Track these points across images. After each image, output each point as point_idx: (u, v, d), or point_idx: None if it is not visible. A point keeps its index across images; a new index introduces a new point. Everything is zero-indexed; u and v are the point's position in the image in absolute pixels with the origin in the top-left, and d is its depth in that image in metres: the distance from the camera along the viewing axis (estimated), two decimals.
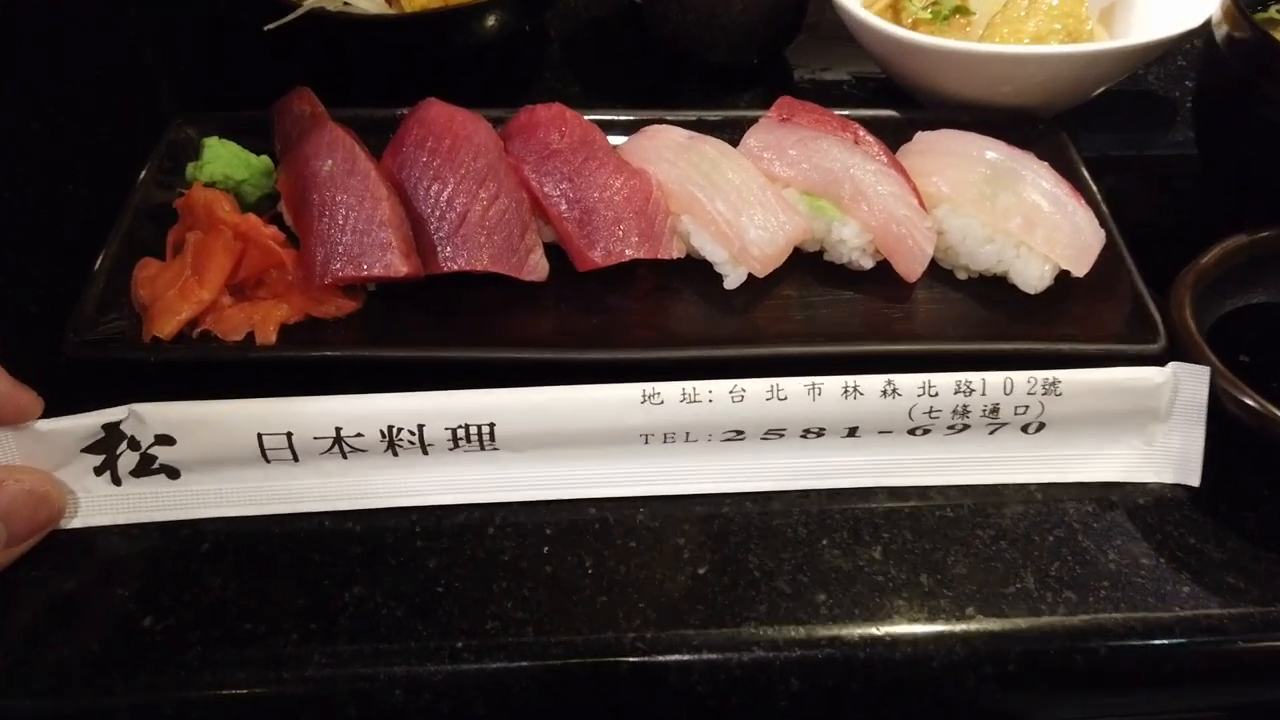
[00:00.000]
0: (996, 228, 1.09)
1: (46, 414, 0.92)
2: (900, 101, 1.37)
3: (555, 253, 1.12)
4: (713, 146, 1.13)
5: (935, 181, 1.12)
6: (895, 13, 1.40)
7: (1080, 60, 1.21)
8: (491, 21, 1.31)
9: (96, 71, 1.49)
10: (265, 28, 1.25)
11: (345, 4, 1.27)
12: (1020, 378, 0.97)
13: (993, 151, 1.13)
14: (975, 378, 0.97)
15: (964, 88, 1.27)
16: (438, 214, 1.08)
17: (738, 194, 1.09)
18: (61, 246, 1.19)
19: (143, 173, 1.15)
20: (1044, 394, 0.98)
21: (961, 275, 1.13)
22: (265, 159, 1.17)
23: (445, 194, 1.08)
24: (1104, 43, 1.23)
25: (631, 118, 1.26)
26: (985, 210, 1.09)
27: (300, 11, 1.24)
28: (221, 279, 1.03)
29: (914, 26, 1.38)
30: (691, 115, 1.27)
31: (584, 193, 1.10)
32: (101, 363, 1.00)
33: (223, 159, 1.14)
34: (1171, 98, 1.47)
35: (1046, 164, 1.12)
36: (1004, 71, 1.23)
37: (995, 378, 0.97)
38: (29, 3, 1.59)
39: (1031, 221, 1.07)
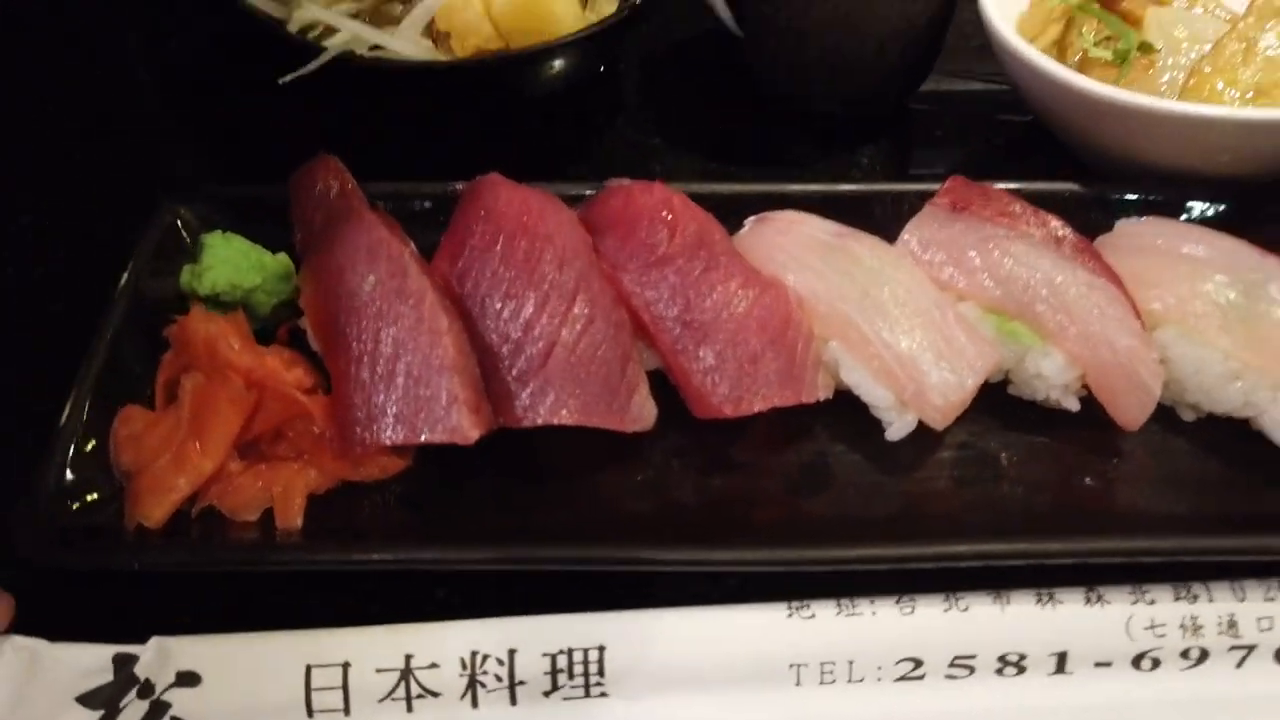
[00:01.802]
0: (1247, 362, 0.83)
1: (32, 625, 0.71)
2: (1063, 160, 1.10)
3: (659, 381, 0.87)
4: (868, 248, 0.87)
5: (1157, 296, 0.86)
6: (1061, 48, 1.12)
7: None
8: (564, 65, 1.04)
9: (72, 135, 1.19)
10: (280, 80, 0.98)
11: (376, 48, 1.00)
12: (1255, 583, 0.78)
13: (1234, 256, 0.86)
14: (1198, 584, 0.78)
15: (1164, 154, 1.00)
16: (512, 345, 0.82)
17: (909, 319, 0.82)
18: (22, 382, 0.92)
19: (123, 278, 0.89)
20: None
21: (1188, 416, 0.87)
22: (283, 258, 0.91)
23: (523, 318, 0.82)
24: None
25: (736, 190, 1.00)
26: (1231, 340, 0.83)
27: (324, 58, 0.97)
28: (228, 442, 0.77)
29: (1083, 66, 1.10)
30: (817, 189, 1.00)
31: (704, 315, 0.83)
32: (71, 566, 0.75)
33: (228, 263, 0.88)
34: None
35: None
36: (1227, 140, 0.96)
37: (1223, 583, 0.78)
38: None
39: None
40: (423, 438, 0.76)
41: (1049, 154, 1.12)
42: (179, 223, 0.94)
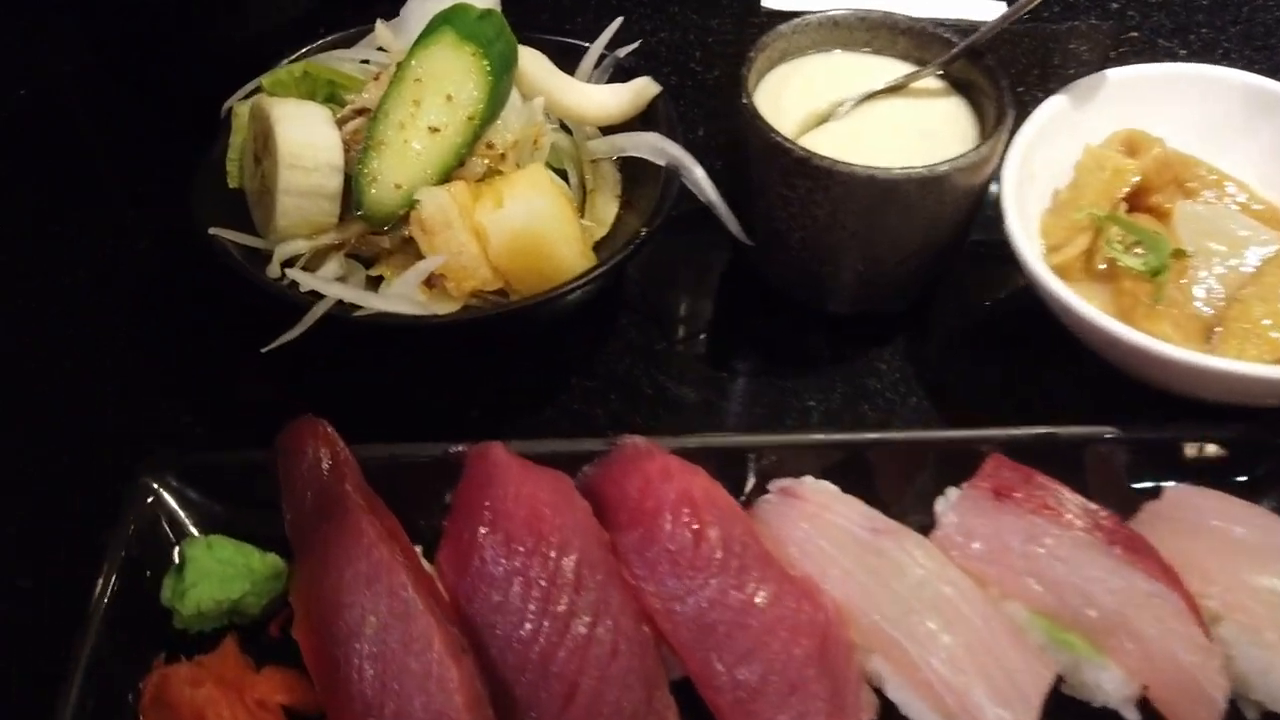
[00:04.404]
0: None
1: None
2: (1091, 366, 1.04)
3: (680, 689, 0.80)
4: (909, 551, 0.80)
5: (1214, 594, 0.80)
6: (1089, 256, 1.06)
7: None
8: (571, 304, 0.97)
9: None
10: (263, 350, 0.90)
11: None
12: None
13: None
14: None
15: (1204, 393, 0.95)
16: (528, 684, 0.74)
17: (958, 641, 0.76)
18: None
19: (94, 598, 0.80)
20: None
21: (1251, 714, 0.82)
22: (272, 560, 0.83)
23: (539, 649, 0.75)
24: None
25: (750, 442, 0.94)
26: None
27: (309, 322, 0.90)
28: None
29: (1111, 273, 1.05)
30: (841, 439, 0.95)
31: (739, 639, 0.76)
32: None
33: (212, 575, 0.80)
34: None
35: None
36: (1266, 390, 0.91)
37: None
38: None
39: None
40: None
41: (1073, 360, 1.06)
42: (157, 498, 0.87)
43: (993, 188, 1.03)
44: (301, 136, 0.96)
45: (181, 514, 0.87)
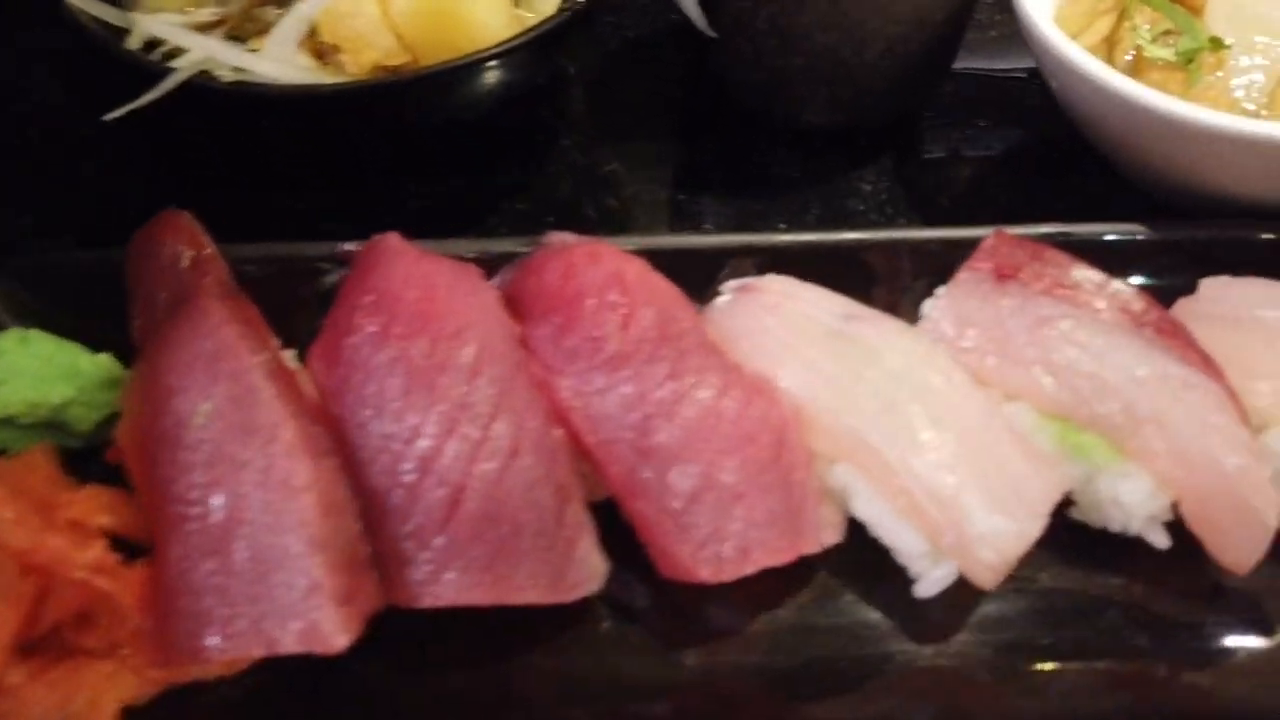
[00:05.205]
0: None
1: None
2: (1114, 183, 0.89)
3: (604, 511, 0.65)
4: (889, 338, 0.65)
5: (1264, 391, 0.65)
6: (1110, 44, 0.91)
7: None
8: (488, 84, 0.81)
9: None
10: (106, 117, 0.74)
11: (238, 70, 0.77)
12: None
13: None
14: None
15: (1254, 185, 0.79)
16: (404, 491, 0.59)
17: (946, 440, 0.61)
18: None
19: None
20: None
21: None
22: (105, 361, 0.68)
23: (419, 451, 0.59)
24: None
25: (709, 243, 0.80)
26: None
27: (168, 85, 0.74)
28: (3, 645, 0.55)
29: (1137, 67, 0.89)
30: (811, 239, 0.79)
31: (669, 439, 0.61)
32: None
33: (26, 374, 0.65)
34: None
35: None
36: None
37: None
38: None
39: None
40: (269, 645, 0.53)
41: (1094, 175, 0.92)
42: None
43: None
44: None
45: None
